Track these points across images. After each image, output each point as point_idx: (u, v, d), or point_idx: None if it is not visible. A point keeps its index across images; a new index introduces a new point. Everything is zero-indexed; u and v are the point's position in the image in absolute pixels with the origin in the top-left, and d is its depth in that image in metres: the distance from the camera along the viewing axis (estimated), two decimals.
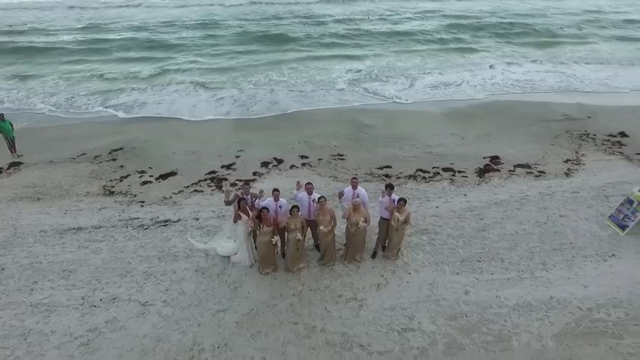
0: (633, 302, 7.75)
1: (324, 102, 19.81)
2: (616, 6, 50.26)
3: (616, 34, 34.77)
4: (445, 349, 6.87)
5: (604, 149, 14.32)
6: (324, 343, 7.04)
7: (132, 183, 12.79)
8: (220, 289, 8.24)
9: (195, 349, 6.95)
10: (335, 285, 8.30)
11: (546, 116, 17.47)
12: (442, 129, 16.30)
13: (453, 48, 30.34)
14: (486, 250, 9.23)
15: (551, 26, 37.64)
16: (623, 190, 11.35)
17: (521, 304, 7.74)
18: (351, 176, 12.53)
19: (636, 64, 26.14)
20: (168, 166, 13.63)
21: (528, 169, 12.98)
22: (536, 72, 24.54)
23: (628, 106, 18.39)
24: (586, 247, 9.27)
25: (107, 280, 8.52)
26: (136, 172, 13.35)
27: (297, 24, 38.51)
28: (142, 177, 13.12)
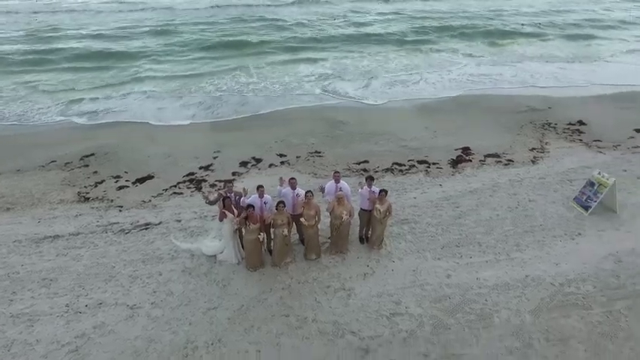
0: (599, 276, 8.36)
1: (295, 102, 19.91)
2: (559, 5, 52.99)
3: (565, 33, 36.51)
4: (432, 329, 7.20)
5: (565, 137, 15.22)
6: (316, 332, 7.21)
7: (107, 188, 12.51)
8: (209, 288, 8.26)
9: (188, 347, 6.97)
10: (323, 277, 8.49)
11: (511, 108, 18.32)
12: (414, 124, 16.81)
13: (416, 47, 31.01)
14: (464, 235, 9.67)
15: (508, 25, 39.24)
16: (584, 174, 12.13)
17: (499, 283, 8.19)
18: (331, 171, 12.86)
19: (580, 60, 27.48)
20: (145, 170, 13.41)
21: (498, 158, 13.63)
22: (494, 67, 25.58)
23: (583, 97, 19.55)
24: (555, 228, 9.89)
25: (91, 286, 8.36)
26: (110, 178, 13.06)
27: (263, 27, 38.05)
28: (117, 182, 12.85)
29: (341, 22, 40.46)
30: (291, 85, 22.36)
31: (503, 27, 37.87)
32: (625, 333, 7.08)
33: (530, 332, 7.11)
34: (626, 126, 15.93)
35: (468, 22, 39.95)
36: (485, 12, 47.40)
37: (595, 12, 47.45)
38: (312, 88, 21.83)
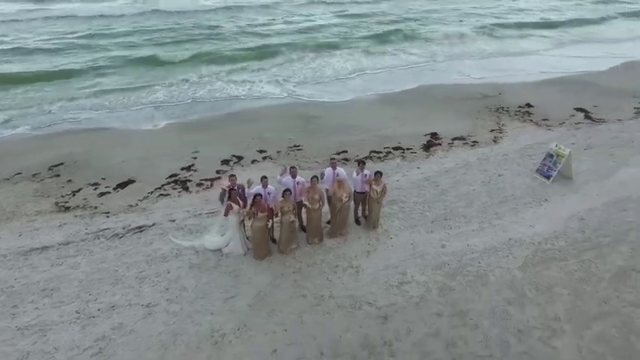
0: (568, 233, 9.57)
1: (261, 101, 20.04)
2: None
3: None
4: (439, 292, 7.94)
5: (517, 118, 16.80)
6: (335, 307, 7.69)
7: (87, 196, 12.09)
8: (222, 280, 8.44)
9: (216, 335, 7.16)
10: (329, 258, 8.97)
11: (465, 96, 19.76)
12: (382, 115, 17.66)
13: (363, 48, 31.28)
14: (449, 210, 10.57)
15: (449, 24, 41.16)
16: (540, 149, 13.56)
17: (488, 247, 9.13)
18: (313, 163, 13.35)
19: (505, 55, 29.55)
20: (123, 175, 13.07)
21: (464, 140, 14.81)
22: (441, 63, 27.00)
23: (526, 83, 21.49)
24: (524, 196, 11.08)
25: (98, 291, 8.23)
26: (88, 185, 12.61)
27: (203, 35, 35.20)
28: (96, 189, 12.44)
29: (284, 25, 38.83)
30: (252, 88, 22.17)
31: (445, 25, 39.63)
32: (596, 277, 8.24)
33: (521, 285, 8.06)
34: (566, 106, 17.85)
35: (409, 22, 40.79)
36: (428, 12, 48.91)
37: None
38: (275, 90, 21.83)
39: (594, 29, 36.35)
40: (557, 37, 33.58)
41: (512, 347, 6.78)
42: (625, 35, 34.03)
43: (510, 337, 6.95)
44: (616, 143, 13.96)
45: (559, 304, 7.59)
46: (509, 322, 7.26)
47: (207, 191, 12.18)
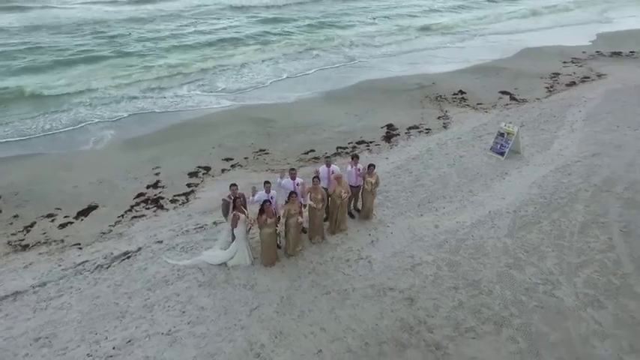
0: (533, 199, 10.90)
1: (205, 109, 19.34)
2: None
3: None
4: (449, 268, 8.60)
5: (456, 104, 18.42)
6: (361, 297, 7.94)
7: (46, 229, 10.78)
8: (239, 293, 8.21)
9: (255, 348, 7.00)
10: (338, 253, 9.18)
11: (404, 87, 21.07)
12: (334, 112, 18.14)
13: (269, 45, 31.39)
14: (429, 193, 11.37)
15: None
16: (485, 130, 15.13)
17: (474, 222, 10.05)
18: (285, 165, 13.38)
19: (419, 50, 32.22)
20: (81, 201, 11.86)
21: (418, 129, 15.89)
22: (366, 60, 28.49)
23: (451, 72, 23.52)
24: (488, 173, 12.32)
25: (105, 328, 7.51)
26: (41, 218, 11.22)
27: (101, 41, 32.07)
28: (54, 220, 11.14)
29: (199, 33, 36.77)
30: (189, 98, 21.17)
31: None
32: (568, 232, 9.56)
33: (514, 250, 9.06)
34: (492, 90, 19.97)
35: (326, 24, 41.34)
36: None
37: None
38: (209, 98, 20.98)
39: (485, 24, 40.59)
40: (459, 32, 37.12)
41: (525, 304, 7.65)
42: (509, 29, 38.48)
43: (521, 296, 7.82)
44: (543, 119, 16.05)
45: (548, 260, 8.69)
46: (515, 283, 8.14)
47: (185, 206, 11.58)
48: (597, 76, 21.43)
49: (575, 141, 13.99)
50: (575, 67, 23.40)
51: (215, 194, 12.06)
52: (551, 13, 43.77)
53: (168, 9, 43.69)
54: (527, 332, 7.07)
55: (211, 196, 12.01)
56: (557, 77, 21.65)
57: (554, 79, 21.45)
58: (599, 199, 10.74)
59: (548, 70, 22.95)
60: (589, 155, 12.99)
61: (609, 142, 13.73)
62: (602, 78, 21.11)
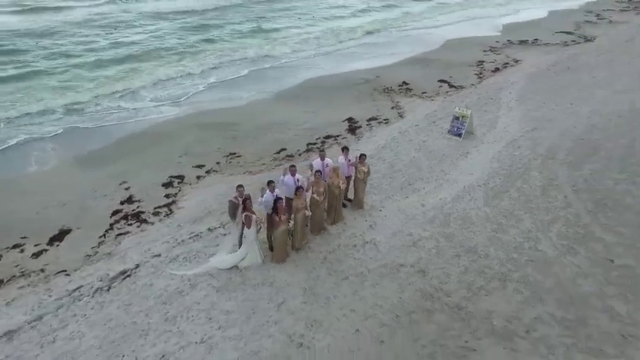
0: (496, 172, 12.26)
1: (156, 118, 18.54)
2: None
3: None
4: (446, 240, 9.47)
5: (403, 95, 19.73)
6: (379, 277, 8.48)
7: (17, 261, 9.80)
8: (260, 291, 8.30)
9: (295, 339, 7.21)
10: (343, 241, 9.63)
11: (350, 83, 21.95)
12: (291, 111, 18.43)
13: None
14: (407, 177, 12.25)
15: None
16: (436, 115, 16.52)
17: (454, 197, 11.09)
18: (260, 166, 13.51)
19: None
20: (49, 227, 10.92)
21: (377, 120, 16.83)
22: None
23: (389, 65, 24.95)
24: (452, 153, 13.54)
25: (131, 349, 7.20)
26: (7, 250, 10.16)
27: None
28: (23, 251, 10.15)
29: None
30: (136, 108, 20.02)
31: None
32: (532, 195, 10.94)
33: (494, 216, 10.21)
34: (431, 79, 21.64)
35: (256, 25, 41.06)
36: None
37: None
38: (150, 108, 20.05)
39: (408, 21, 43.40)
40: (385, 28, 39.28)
41: (518, 260, 8.75)
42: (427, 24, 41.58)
43: (513, 254, 8.92)
44: (482, 102, 17.87)
45: (525, 222, 9.95)
46: (504, 244, 9.24)
47: (171, 217, 11.23)
48: (514, 62, 24.22)
49: (515, 119, 15.86)
50: (494, 55, 26.14)
51: (199, 200, 11.87)
52: (462, 10, 47.78)
53: (75, 19, 40.08)
54: (527, 283, 8.14)
55: (195, 204, 11.77)
56: (482, 65, 24.05)
57: (480, 66, 23.81)
58: (547, 165, 12.41)
59: (473, 58, 25.37)
60: (529, 130, 14.83)
61: (542, 118, 15.78)
62: (519, 63, 23.91)
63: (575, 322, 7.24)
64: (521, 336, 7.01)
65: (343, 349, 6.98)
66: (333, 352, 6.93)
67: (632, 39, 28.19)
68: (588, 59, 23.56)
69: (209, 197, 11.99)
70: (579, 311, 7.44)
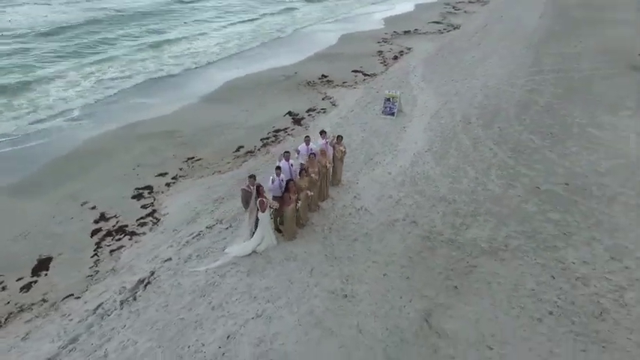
0: (433, 139, 14.68)
1: (87, 132, 17.38)
2: None
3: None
4: (419, 196, 11.38)
5: (327, 86, 21.51)
6: (381, 233, 9.99)
7: (5, 298, 8.99)
8: (287, 266, 9.16)
9: (338, 292, 8.31)
10: (338, 213, 10.90)
11: (272, 80, 23.00)
12: (227, 112, 18.85)
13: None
14: (365, 154, 13.96)
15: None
16: (365, 100, 18.65)
17: (410, 163, 13.13)
18: (226, 164, 14.04)
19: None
20: (22, 260, 10.11)
21: (315, 110, 18.30)
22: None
23: (301, 61, 26.56)
24: (392, 130, 15.67)
25: (194, 339, 7.55)
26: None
27: None
28: (5, 288, 9.30)
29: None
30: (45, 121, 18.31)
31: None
32: (468, 151, 13.56)
33: (447, 172, 12.47)
34: (345, 71, 23.83)
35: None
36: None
37: None
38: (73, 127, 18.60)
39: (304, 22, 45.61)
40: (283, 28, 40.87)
41: (478, 200, 11.06)
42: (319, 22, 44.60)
43: (472, 197, 11.21)
44: (397, 85, 20.53)
45: (470, 172, 12.38)
46: (463, 191, 11.52)
47: (160, 225, 11.23)
48: (407, 50, 27.85)
49: (429, 96, 18.77)
50: (388, 45, 29.57)
51: (180, 205, 12.00)
52: (345, 7, 51.58)
53: None
54: (490, 214, 10.45)
55: (178, 209, 11.88)
56: (382, 54, 27.15)
57: (382, 55, 26.87)
58: (468, 129, 15.29)
59: (371, 49, 28.40)
60: (444, 103, 17.80)
61: (449, 93, 18.96)
62: (411, 51, 27.57)
63: (532, 232, 9.72)
64: (502, 249, 9.21)
65: (380, 290, 8.34)
66: (373, 294, 8.24)
67: (486, 24, 34.28)
68: (462, 44, 28.26)
69: (190, 200, 12.17)
70: (532, 225, 9.95)
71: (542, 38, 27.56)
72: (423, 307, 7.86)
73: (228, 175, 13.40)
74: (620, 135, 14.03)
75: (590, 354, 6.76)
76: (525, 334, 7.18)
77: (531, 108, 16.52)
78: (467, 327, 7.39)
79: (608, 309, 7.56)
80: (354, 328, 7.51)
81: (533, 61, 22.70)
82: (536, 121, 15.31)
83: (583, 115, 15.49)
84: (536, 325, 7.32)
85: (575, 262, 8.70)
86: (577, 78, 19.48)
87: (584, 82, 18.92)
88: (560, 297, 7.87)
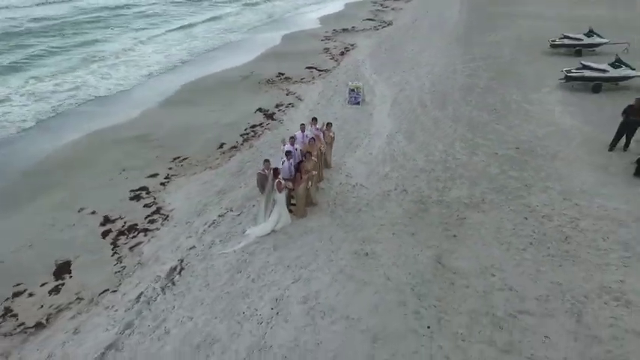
0: (398, 122, 16.52)
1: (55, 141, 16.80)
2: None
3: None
4: (403, 169, 13.03)
5: (288, 83, 22.57)
6: (379, 202, 11.45)
7: (37, 302, 9.06)
8: (307, 238, 10.23)
9: (360, 253, 9.58)
10: (337, 189, 12.16)
11: (230, 81, 23.56)
12: (196, 113, 19.18)
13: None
14: (344, 139, 15.29)
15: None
16: (327, 93, 20.07)
17: (386, 143, 14.78)
18: (214, 160, 14.69)
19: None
20: (38, 267, 10.07)
21: (284, 105, 19.33)
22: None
23: (251, 61, 27.29)
24: (361, 117, 17.25)
25: (245, 307, 8.37)
26: (9, 299, 9.18)
27: None
28: (32, 294, 9.32)
29: None
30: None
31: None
32: (432, 129, 15.55)
33: (418, 149, 14.28)
34: (299, 68, 25.02)
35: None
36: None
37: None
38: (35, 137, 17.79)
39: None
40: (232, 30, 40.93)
41: (450, 167, 12.95)
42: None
43: (445, 165, 13.10)
44: (352, 78, 22.10)
45: (439, 146, 14.32)
46: (436, 162, 13.37)
47: (170, 220, 11.67)
48: (351, 46, 29.77)
49: (384, 86, 20.69)
50: (331, 42, 31.29)
51: (184, 200, 12.50)
52: (278, 7, 52.50)
53: None
54: (464, 177, 12.39)
55: (182, 204, 12.36)
56: (329, 51, 28.77)
57: (329, 52, 28.48)
58: (426, 111, 17.35)
59: (318, 47, 29.94)
60: (398, 91, 19.81)
61: (400, 82, 21.04)
62: (355, 47, 29.54)
63: (500, 188, 11.78)
64: (481, 203, 11.13)
65: (394, 246, 9.78)
66: (389, 250, 9.66)
67: (415, 20, 37.53)
68: (399, 38, 30.89)
69: (191, 195, 12.69)
70: (499, 182, 12.04)
71: (466, 31, 31.09)
72: (432, 254, 9.45)
73: (220, 169, 14.02)
74: (547, 108, 16.95)
75: (565, 267, 8.80)
76: (516, 262, 9.05)
77: (474, 90, 19.09)
78: (471, 263, 9.10)
79: (570, 235, 9.72)
80: (382, 277, 8.87)
81: (465, 51, 25.76)
82: (481, 101, 17.83)
83: (516, 94, 18.34)
84: (522, 254, 9.24)
85: (538, 205, 10.87)
86: (504, 63, 22.65)
87: (510, 66, 22.10)
88: (534, 231, 9.91)
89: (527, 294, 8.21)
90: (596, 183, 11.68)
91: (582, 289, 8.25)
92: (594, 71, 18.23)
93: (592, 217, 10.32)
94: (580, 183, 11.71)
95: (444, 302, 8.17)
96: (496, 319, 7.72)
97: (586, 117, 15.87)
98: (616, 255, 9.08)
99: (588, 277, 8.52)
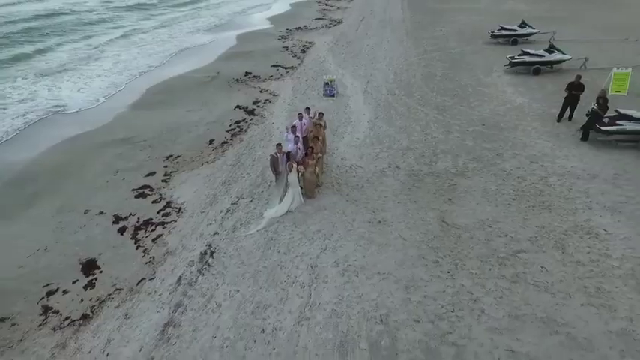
0: (375, 109, 17.95)
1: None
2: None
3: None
4: (390, 149, 14.41)
5: (257, 80, 23.20)
6: (378, 178, 12.72)
7: (76, 298, 9.23)
8: (323, 214, 11.23)
9: (373, 221, 10.78)
10: (337, 171, 13.26)
11: (199, 81, 23.72)
12: (174, 113, 19.30)
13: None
14: (331, 127, 16.26)
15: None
16: (301, 88, 21.08)
17: (369, 128, 16.11)
18: (208, 155, 15.24)
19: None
20: (64, 266, 10.15)
21: (261, 101, 20.00)
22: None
23: (216, 61, 27.48)
24: (339, 108, 18.44)
25: (285, 275, 9.22)
26: (44, 299, 9.24)
27: None
28: (66, 291, 9.44)
29: None
30: None
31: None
32: (407, 115, 17.14)
33: (400, 130, 15.77)
34: (265, 66, 25.69)
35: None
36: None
37: None
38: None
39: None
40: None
41: (431, 144, 14.56)
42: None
43: (426, 143, 14.69)
44: (320, 74, 23.20)
45: (416, 127, 15.91)
46: (419, 141, 14.92)
47: (184, 212, 12.07)
48: (309, 44, 30.91)
49: (352, 79, 22.08)
50: (289, 41, 32.22)
51: (192, 194, 12.94)
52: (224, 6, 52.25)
53: None
54: (446, 152, 14.01)
55: (191, 197, 12.77)
56: (289, 49, 29.68)
57: (289, 50, 29.39)
58: (397, 99, 18.96)
59: (277, 46, 30.74)
60: (366, 83, 21.28)
61: (366, 74, 22.55)
62: (313, 44, 30.71)
63: (478, 158, 13.53)
64: (466, 171, 12.79)
65: (401, 213, 11.08)
66: (398, 216, 10.95)
67: (363, 18, 39.54)
68: (353, 35, 32.56)
69: (198, 188, 13.14)
70: (476, 154, 13.78)
71: (414, 25, 33.50)
72: (435, 215, 10.88)
73: (217, 163, 14.51)
74: (500, 89, 19.27)
75: (544, 214, 10.62)
76: (505, 214, 10.73)
77: (434, 78, 21.07)
78: (469, 219, 10.63)
79: (542, 190, 11.62)
80: (398, 239, 10.13)
81: (416, 44, 27.95)
82: (442, 88, 19.80)
83: (471, 79, 20.56)
84: (509, 207, 10.96)
85: (512, 169, 12.74)
86: (454, 54, 25.02)
87: (460, 56, 24.49)
88: (514, 190, 11.71)
89: (520, 237, 9.88)
90: (553, 148, 13.83)
91: (561, 229, 10.07)
92: (533, 57, 20.95)
93: (556, 174, 12.34)
94: (541, 149, 13.81)
95: (456, 251, 9.60)
96: (500, 259, 9.27)
97: (532, 95, 18.34)
98: (580, 201, 11.08)
99: (564, 220, 10.39)
